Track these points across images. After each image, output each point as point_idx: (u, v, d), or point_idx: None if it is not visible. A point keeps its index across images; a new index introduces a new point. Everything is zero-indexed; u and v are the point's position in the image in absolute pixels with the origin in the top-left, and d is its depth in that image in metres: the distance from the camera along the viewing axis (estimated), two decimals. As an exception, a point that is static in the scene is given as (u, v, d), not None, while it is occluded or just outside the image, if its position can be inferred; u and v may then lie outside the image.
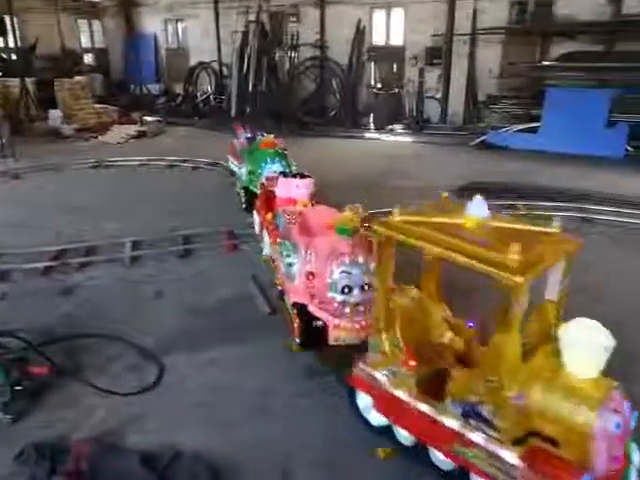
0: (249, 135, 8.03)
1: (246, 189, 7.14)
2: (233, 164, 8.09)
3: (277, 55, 16.04)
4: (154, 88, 18.87)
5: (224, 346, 4.12)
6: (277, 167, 6.55)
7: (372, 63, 15.86)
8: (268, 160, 6.74)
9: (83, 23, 18.94)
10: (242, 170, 7.42)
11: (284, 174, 5.67)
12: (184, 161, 10.26)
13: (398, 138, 13.71)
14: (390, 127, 14.55)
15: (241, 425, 3.31)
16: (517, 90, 13.60)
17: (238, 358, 4.00)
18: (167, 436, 3.18)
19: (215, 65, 17.62)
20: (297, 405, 3.49)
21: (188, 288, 5.10)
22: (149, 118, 15.30)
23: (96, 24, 19.44)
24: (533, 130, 11.87)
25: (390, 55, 15.61)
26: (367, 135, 13.96)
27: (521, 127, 12.18)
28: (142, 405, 3.48)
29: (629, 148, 10.73)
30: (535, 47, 13.62)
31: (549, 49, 13.56)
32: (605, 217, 6.90)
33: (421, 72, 15.03)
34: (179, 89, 18.26)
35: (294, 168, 6.78)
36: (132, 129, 13.39)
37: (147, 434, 3.21)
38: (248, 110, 15.38)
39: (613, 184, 8.57)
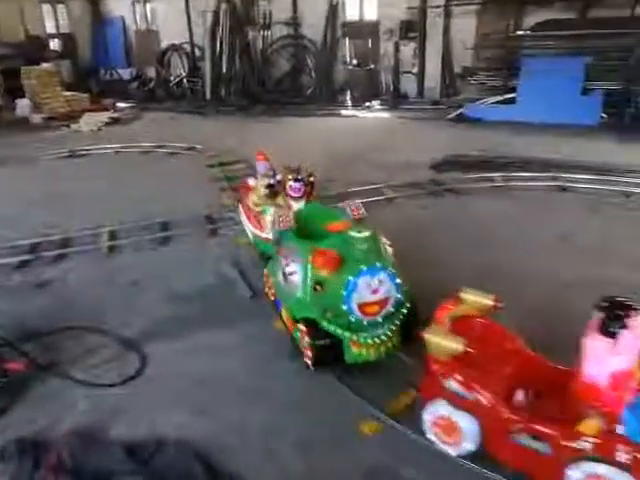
0: (274, 175, 5.10)
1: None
2: (250, 228, 5.15)
3: (250, 35, 15.71)
4: (125, 73, 18.38)
5: (207, 332, 4.09)
6: (385, 282, 3.32)
7: (347, 39, 15.62)
8: (362, 267, 3.25)
9: (47, 8, 18.27)
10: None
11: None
12: (160, 147, 10.07)
13: (376, 114, 13.61)
14: (367, 103, 14.42)
15: (228, 409, 3.30)
16: (493, 61, 13.54)
17: (222, 343, 3.97)
18: (152, 426, 3.15)
19: (187, 47, 17.21)
20: (284, 386, 3.49)
21: (168, 275, 5.04)
22: (122, 104, 14.95)
23: (61, 9, 18.76)
24: (510, 101, 11.85)
25: (365, 30, 15.38)
26: (345, 112, 13.82)
27: (498, 99, 12.16)
28: (125, 396, 3.44)
29: (604, 115, 10.80)
30: (510, 17, 13.54)
31: (523, 18, 13.49)
32: (581, 185, 6.95)
33: (396, 46, 14.86)
34: (151, 73, 17.83)
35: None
36: (104, 116, 13.06)
37: (131, 425, 3.18)
38: (223, 92, 15.14)
39: (589, 152, 8.63)
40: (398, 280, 3.33)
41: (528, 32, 12.76)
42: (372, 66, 15.28)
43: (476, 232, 5.73)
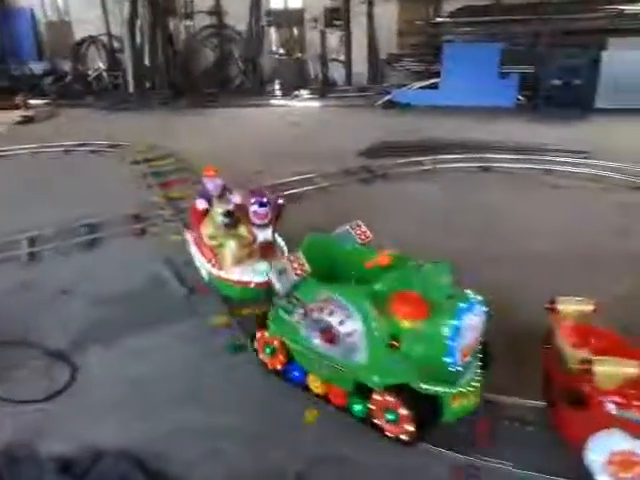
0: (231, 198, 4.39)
1: None
2: (205, 265, 4.23)
3: (172, 25, 15.18)
4: (37, 67, 17.20)
5: (142, 334, 3.95)
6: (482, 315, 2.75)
7: (272, 28, 15.47)
8: (460, 305, 2.68)
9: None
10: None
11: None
12: (81, 145, 9.55)
13: (305, 103, 13.61)
14: (296, 93, 14.39)
15: (167, 412, 3.21)
16: (416, 47, 13.88)
17: (158, 344, 3.85)
18: (86, 438, 3.01)
19: (104, 38, 16.36)
20: (225, 383, 3.44)
21: (96, 279, 4.81)
22: (35, 101, 14.03)
23: (-41, -1, 17.25)
24: (434, 86, 12.23)
25: (290, 18, 15.30)
26: (274, 102, 13.73)
27: (422, 84, 12.51)
28: (55, 410, 3.27)
29: (520, 97, 11.38)
30: (429, 3, 13.90)
31: (443, 5, 13.89)
32: (503, 164, 7.30)
33: (322, 34, 14.89)
34: (67, 67, 16.82)
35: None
36: (16, 114, 12.21)
37: (63, 439, 3.02)
38: (147, 85, 14.57)
39: (507, 132, 9.09)
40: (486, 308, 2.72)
41: (447, 19, 13.17)
42: (299, 55, 15.24)
43: (407, 216, 5.88)
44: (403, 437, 2.73)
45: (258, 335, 3.38)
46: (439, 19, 13.43)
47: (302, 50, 15.36)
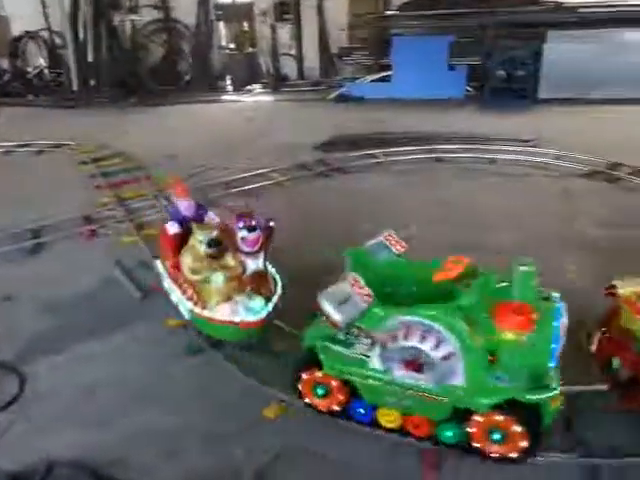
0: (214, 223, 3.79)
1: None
2: (185, 304, 3.62)
3: (116, 20, 14.67)
4: (-28, 65, 16.29)
5: (95, 339, 3.83)
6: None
7: (221, 22, 15.22)
8: (556, 306, 2.59)
9: None
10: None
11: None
12: (24, 145, 9.12)
13: (258, 98, 13.49)
14: (249, 88, 14.24)
15: (124, 417, 3.12)
16: (366, 41, 13.97)
17: (113, 348, 3.74)
18: (39, 450, 2.89)
19: (45, 34, 15.65)
20: (183, 383, 3.38)
21: (45, 284, 4.61)
22: (-29, 101, 13.30)
23: None
24: (386, 79, 12.37)
25: (239, 12, 15.08)
26: (226, 98, 13.53)
27: (374, 77, 12.61)
28: (4, 422, 3.12)
29: (469, 89, 11.66)
30: (379, -3, 14.02)
31: (392, -1, 14.03)
32: (454, 155, 7.47)
33: (273, 29, 14.77)
34: (4, 64, 15.98)
35: None
36: (-49, 115, 11.56)
37: (14, 453, 2.89)
38: (93, 82, 14.05)
39: (457, 123, 9.30)
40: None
41: (396, 12, 13.32)
42: (250, 49, 15.06)
43: (362, 208, 5.93)
44: (512, 455, 2.53)
45: (305, 376, 2.90)
46: (388, 12, 13.56)
47: (253, 45, 15.20)
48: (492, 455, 2.56)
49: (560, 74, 10.68)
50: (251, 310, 3.29)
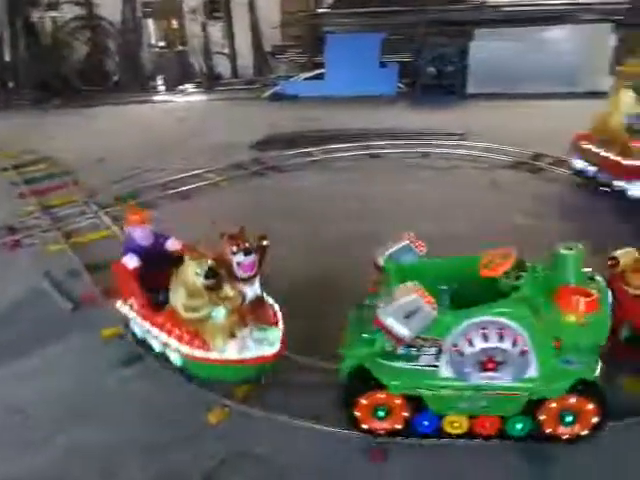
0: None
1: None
2: (172, 344, 3.18)
3: (35, 16, 13.89)
4: None
5: (26, 354, 3.61)
6: None
7: (149, 19, 14.76)
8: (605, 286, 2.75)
9: None
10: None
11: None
12: None
13: (191, 98, 13.21)
14: (181, 87, 13.91)
15: (59, 435, 2.96)
16: (299, 39, 14.00)
17: (44, 363, 3.54)
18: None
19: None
20: (120, 396, 3.25)
21: (-37, 301, 4.31)
22: None
23: None
24: (320, 77, 12.44)
25: (168, 10, 14.70)
26: (158, 98, 13.16)
27: (308, 75, 12.66)
28: None
29: (400, 85, 11.96)
30: (310, -5, 14.07)
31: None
32: (388, 150, 7.64)
33: (204, 26, 14.50)
34: None
35: None
36: None
37: None
38: (11, 84, 13.24)
39: (390, 119, 9.51)
40: None
41: (327, 10, 13.43)
42: (181, 48, 14.72)
43: (299, 206, 5.94)
44: (585, 433, 2.62)
45: (365, 401, 2.67)
46: (320, 10, 13.65)
47: (184, 43, 14.85)
48: (564, 437, 2.64)
49: (486, 70, 11.16)
50: (265, 342, 2.96)
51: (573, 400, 2.55)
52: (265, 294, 3.17)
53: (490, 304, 2.50)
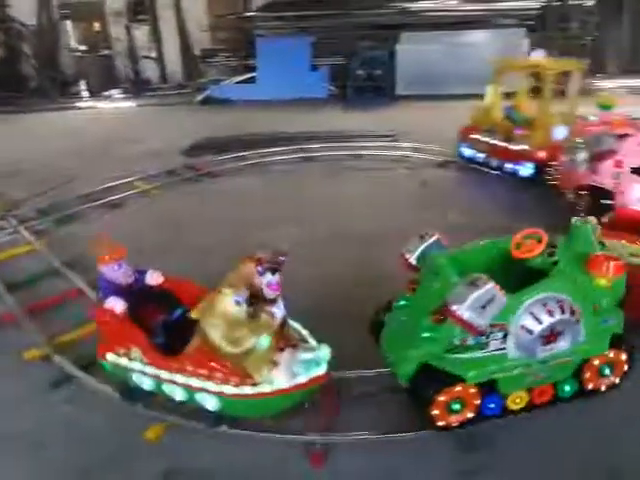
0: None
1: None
2: (207, 387, 2.80)
3: None
4: None
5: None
6: None
7: (68, 21, 14.08)
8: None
9: None
10: None
11: None
12: None
13: (118, 104, 12.73)
14: (107, 93, 13.37)
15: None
16: (229, 42, 13.85)
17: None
18: None
19: None
20: (47, 421, 3.05)
21: None
22: None
23: None
24: (252, 80, 12.35)
25: (88, 11, 14.08)
26: (81, 104, 12.60)
27: (239, 79, 12.54)
28: None
29: (332, 88, 12.10)
30: (237, -2, 13.94)
31: (252, 0, 14.03)
32: (321, 153, 7.69)
33: (128, 29, 14.02)
34: None
35: None
36: None
37: None
38: None
39: (324, 122, 9.60)
40: None
41: (257, 13, 13.36)
42: (105, 52, 14.15)
43: (234, 211, 5.86)
44: (618, 381, 2.95)
45: (443, 397, 2.64)
46: (249, 13, 13.56)
47: (108, 47, 14.28)
48: (603, 388, 2.92)
49: (413, 72, 11.53)
50: (313, 362, 2.73)
51: (611, 354, 2.88)
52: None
53: (543, 282, 2.71)
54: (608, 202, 4.63)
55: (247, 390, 2.68)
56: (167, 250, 4.91)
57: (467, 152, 6.86)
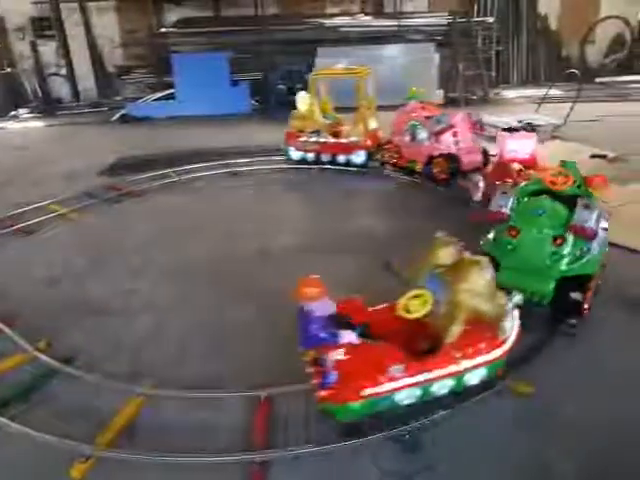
0: None
1: None
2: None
3: None
4: None
5: None
6: None
7: (-36, 39, 13.17)
8: None
9: None
10: None
11: None
12: None
13: (27, 124, 12.01)
14: (13, 113, 12.58)
15: None
16: (143, 59, 13.52)
17: None
18: None
19: None
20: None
21: None
22: None
23: None
24: (171, 97, 12.10)
25: (-13, 28, 13.24)
26: (-16, 125, 11.74)
27: (157, 95, 12.25)
28: None
29: (254, 102, 12.12)
30: (150, 14, 13.67)
31: (165, 16, 13.83)
32: (248, 167, 7.67)
33: (33, 46, 13.31)
34: None
35: None
36: None
37: None
38: None
39: (247, 136, 9.59)
40: None
41: (171, 29, 13.17)
42: (8, 69, 13.32)
43: (158, 231, 5.70)
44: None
45: (589, 294, 3.56)
46: (163, 29, 13.33)
47: (11, 64, 13.46)
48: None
49: (331, 85, 11.75)
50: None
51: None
52: None
53: (590, 201, 3.63)
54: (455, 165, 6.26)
55: (502, 349, 2.94)
56: (90, 274, 4.70)
57: (295, 154, 7.64)
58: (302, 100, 7.67)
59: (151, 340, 3.76)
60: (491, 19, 13.51)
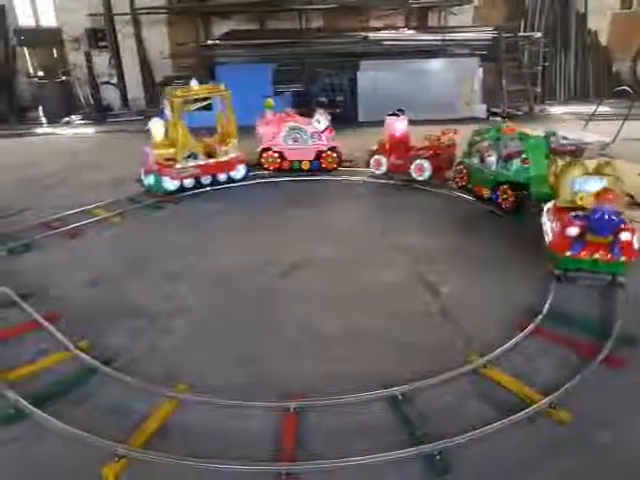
0: None
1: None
2: None
3: None
4: None
5: None
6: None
7: (25, 48, 13.86)
8: None
9: None
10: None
11: None
12: None
13: (78, 130, 12.51)
14: (66, 119, 13.14)
15: None
16: (191, 70, 13.88)
17: None
18: None
19: None
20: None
21: None
22: None
23: None
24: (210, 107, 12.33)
25: (45, 38, 13.92)
26: (40, 131, 12.31)
27: (199, 105, 12.52)
28: None
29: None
30: (199, 27, 14.07)
31: (212, 28, 14.20)
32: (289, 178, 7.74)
33: (88, 56, 13.90)
34: None
35: None
36: None
37: None
38: None
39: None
40: None
41: (217, 41, 13.49)
42: (64, 78, 13.95)
43: (195, 237, 5.82)
44: None
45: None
46: (210, 42, 13.68)
47: (67, 73, 14.10)
48: None
49: (371, 99, 11.80)
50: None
51: None
52: None
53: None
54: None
55: None
56: (129, 277, 4.83)
57: (171, 185, 6.96)
58: (155, 127, 7.21)
59: (186, 345, 3.83)
60: (538, 34, 13.25)
